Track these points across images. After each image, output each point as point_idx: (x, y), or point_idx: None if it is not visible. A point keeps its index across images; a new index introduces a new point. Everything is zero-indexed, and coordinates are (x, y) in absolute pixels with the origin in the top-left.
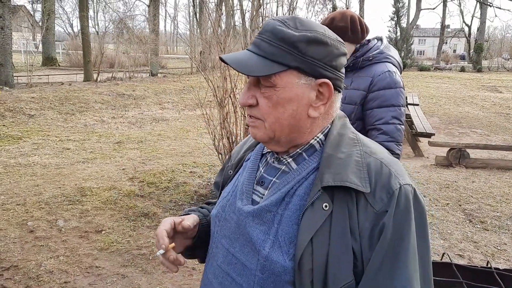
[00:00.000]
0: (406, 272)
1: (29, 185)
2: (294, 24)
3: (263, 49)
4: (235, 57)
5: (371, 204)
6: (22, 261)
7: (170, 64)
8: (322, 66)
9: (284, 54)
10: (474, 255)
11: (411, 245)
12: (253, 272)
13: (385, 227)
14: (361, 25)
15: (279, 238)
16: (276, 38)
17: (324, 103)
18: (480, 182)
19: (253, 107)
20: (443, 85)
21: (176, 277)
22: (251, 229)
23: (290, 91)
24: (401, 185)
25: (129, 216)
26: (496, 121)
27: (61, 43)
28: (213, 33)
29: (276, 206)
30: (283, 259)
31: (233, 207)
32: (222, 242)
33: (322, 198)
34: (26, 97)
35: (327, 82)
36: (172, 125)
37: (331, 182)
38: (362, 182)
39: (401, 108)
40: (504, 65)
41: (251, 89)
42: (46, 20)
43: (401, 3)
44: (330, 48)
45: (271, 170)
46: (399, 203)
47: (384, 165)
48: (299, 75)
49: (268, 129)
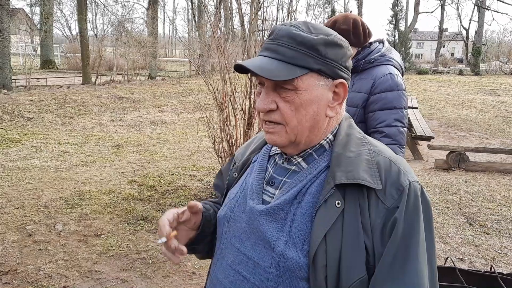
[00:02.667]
0: (417, 265)
1: (27, 188)
2: (307, 29)
3: (282, 53)
4: (254, 63)
5: (382, 200)
6: (20, 265)
7: (169, 67)
8: (338, 67)
9: (305, 57)
10: (475, 259)
11: (420, 240)
12: (267, 269)
13: (396, 223)
14: (363, 28)
15: (293, 235)
16: (295, 42)
17: (340, 102)
18: (480, 186)
19: (272, 112)
20: (441, 88)
21: (176, 281)
22: (265, 227)
23: (311, 93)
24: (410, 181)
25: (129, 219)
26: (495, 124)
27: (60, 46)
28: (212, 36)
29: (288, 204)
30: (297, 255)
31: (242, 207)
32: (232, 242)
33: (335, 196)
34: (25, 100)
35: (343, 82)
36: (171, 128)
37: (344, 179)
38: (373, 179)
39: (403, 110)
40: (502, 69)
41: (270, 94)
42: (44, 23)
43: (399, 6)
44: (345, 50)
45: (281, 170)
46: (409, 199)
47: (393, 163)
48: (319, 77)
49: (290, 132)
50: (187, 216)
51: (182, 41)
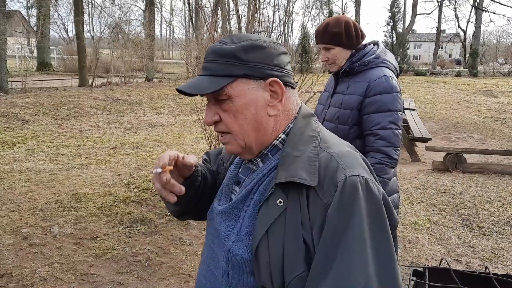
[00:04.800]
0: (347, 260)
1: (23, 191)
2: (231, 40)
3: (210, 69)
4: (189, 84)
5: (320, 197)
6: (16, 268)
7: (166, 69)
8: (265, 67)
9: (228, 66)
10: (472, 260)
11: (355, 235)
12: (221, 264)
13: (327, 218)
14: (356, 30)
15: (241, 232)
16: (218, 56)
17: (279, 100)
18: (477, 187)
19: (218, 123)
20: (439, 90)
21: (172, 284)
22: (219, 225)
23: (245, 98)
24: (347, 176)
25: (125, 222)
26: (492, 126)
27: (56, 48)
28: (209, 37)
29: (242, 202)
30: (243, 251)
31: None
32: (207, 238)
33: (276, 194)
34: (21, 103)
35: (276, 80)
36: (168, 130)
37: (283, 178)
38: (310, 176)
39: (398, 112)
40: (499, 70)
41: (211, 107)
42: (41, 25)
43: (397, 8)
44: (268, 50)
45: (246, 170)
46: (342, 194)
47: (333, 158)
48: (248, 81)
49: (237, 139)
50: (182, 164)
51: (179, 43)
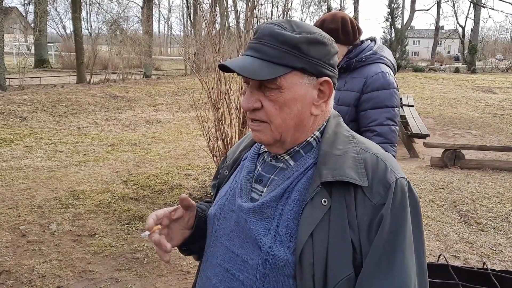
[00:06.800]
0: (403, 261)
1: (21, 188)
2: (291, 27)
3: (264, 52)
4: (237, 63)
5: (369, 197)
6: (14, 265)
7: (164, 66)
8: (322, 65)
9: (287, 56)
10: (470, 256)
11: (407, 237)
12: (254, 267)
13: (383, 219)
14: (352, 26)
15: (280, 232)
16: (278, 41)
17: (325, 100)
18: (475, 183)
19: (257, 110)
20: (437, 86)
21: (170, 281)
22: (252, 225)
23: (295, 92)
24: (397, 178)
25: (123, 219)
26: (491, 122)
27: (54, 45)
28: (207, 34)
29: (276, 201)
30: (284, 253)
31: (232, 205)
32: (221, 240)
33: (321, 194)
34: (18, 100)
35: (328, 80)
36: (166, 127)
37: (330, 177)
38: (359, 176)
39: (395, 109)
40: (498, 66)
41: (254, 93)
42: (38, 22)
43: (395, 4)
44: (328, 48)
45: (269, 168)
46: (395, 196)
47: (380, 160)
48: (303, 75)
49: (275, 131)
50: (180, 214)
51: (177, 39)
